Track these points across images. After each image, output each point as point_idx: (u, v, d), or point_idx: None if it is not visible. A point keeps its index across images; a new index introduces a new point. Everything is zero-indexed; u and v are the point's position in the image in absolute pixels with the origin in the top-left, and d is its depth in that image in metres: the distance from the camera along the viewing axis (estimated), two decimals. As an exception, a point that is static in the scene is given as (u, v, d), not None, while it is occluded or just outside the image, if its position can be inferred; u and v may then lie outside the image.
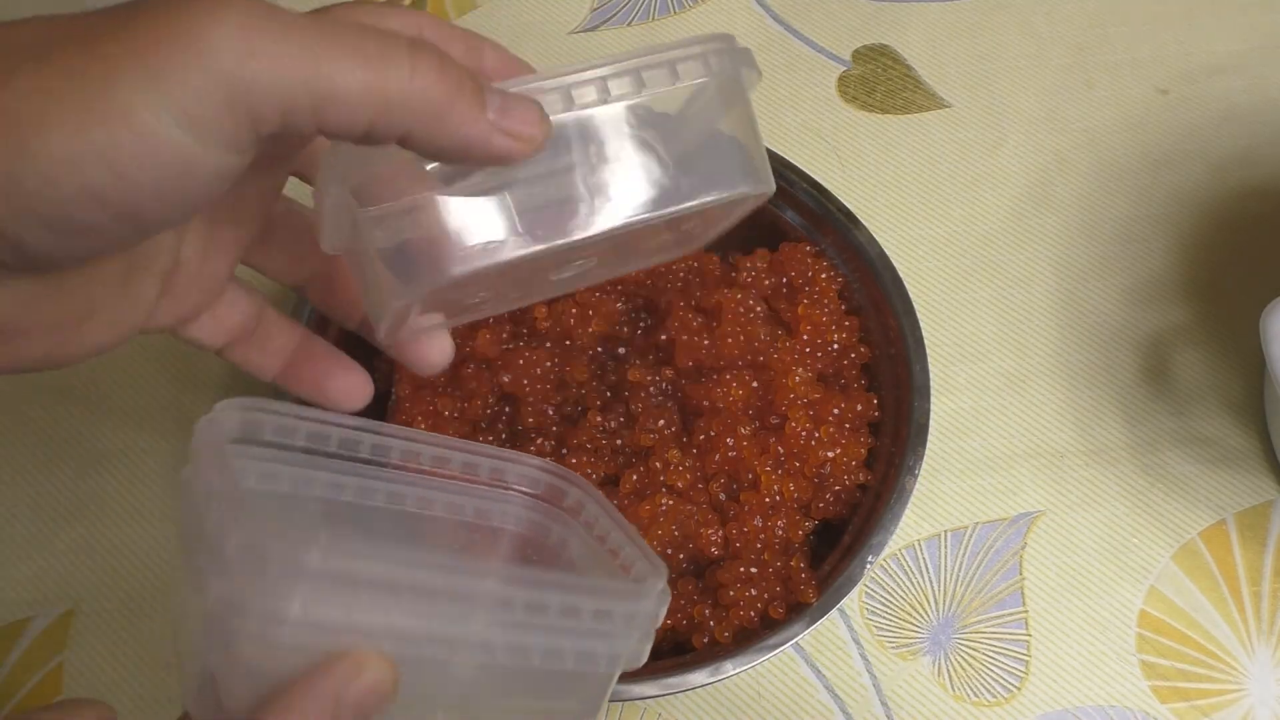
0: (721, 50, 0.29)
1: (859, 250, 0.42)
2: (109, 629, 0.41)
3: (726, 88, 0.30)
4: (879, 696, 0.40)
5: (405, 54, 0.24)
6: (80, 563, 0.42)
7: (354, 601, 0.24)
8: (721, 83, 0.29)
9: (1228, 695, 0.40)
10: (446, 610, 0.24)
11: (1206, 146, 0.51)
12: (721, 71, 0.29)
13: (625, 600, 0.26)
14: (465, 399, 0.40)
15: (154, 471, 0.44)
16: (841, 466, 0.39)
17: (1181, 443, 0.45)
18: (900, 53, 0.54)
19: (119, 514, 0.43)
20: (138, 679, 0.40)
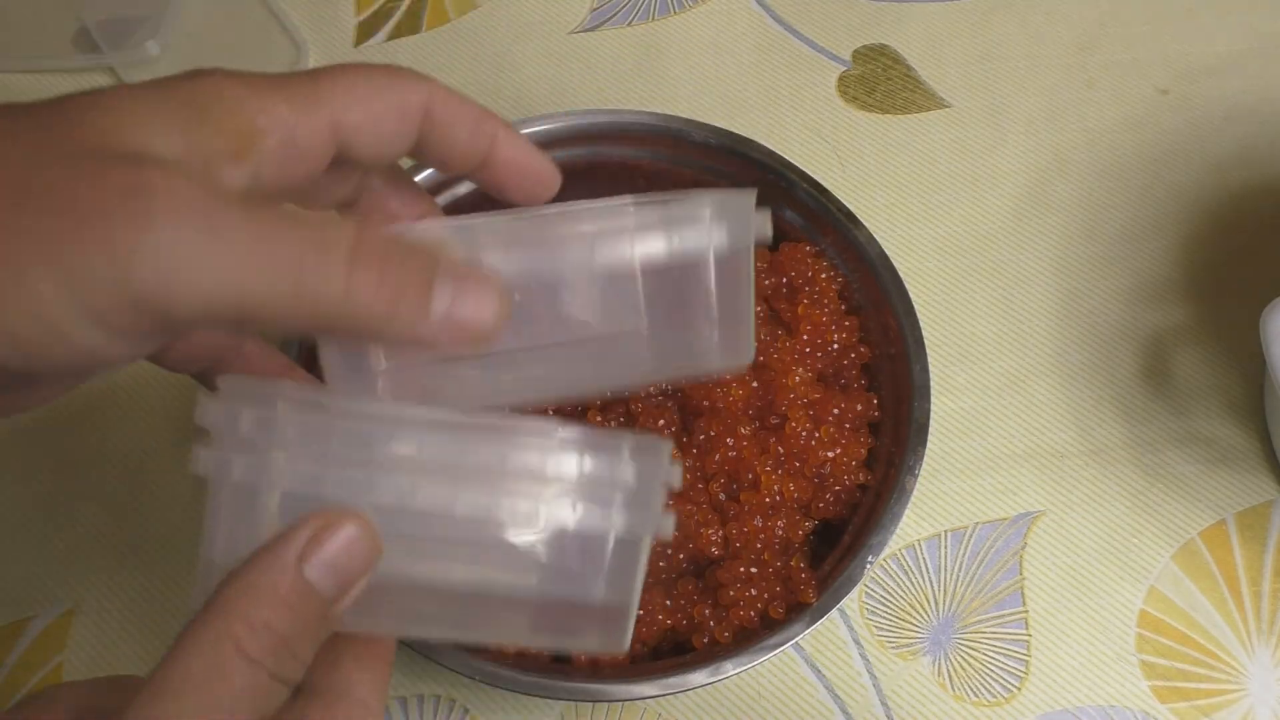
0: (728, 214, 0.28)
1: (859, 250, 0.42)
2: (109, 629, 0.41)
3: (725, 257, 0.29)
4: (879, 696, 0.40)
5: (342, 265, 0.22)
6: (80, 563, 0.42)
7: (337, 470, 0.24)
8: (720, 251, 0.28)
9: (1228, 695, 0.40)
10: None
11: (1206, 146, 0.51)
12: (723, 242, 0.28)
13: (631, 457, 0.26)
14: (465, 399, 0.40)
15: (155, 471, 0.44)
16: (841, 466, 0.39)
17: (1181, 442, 0.45)
18: (900, 53, 0.54)
19: (119, 514, 0.43)
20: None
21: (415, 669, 0.40)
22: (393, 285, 0.23)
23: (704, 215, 0.28)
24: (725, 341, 0.30)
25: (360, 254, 0.23)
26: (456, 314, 0.24)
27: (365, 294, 0.22)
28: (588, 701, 0.39)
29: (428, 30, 0.55)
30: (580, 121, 0.43)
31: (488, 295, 0.24)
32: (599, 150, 0.44)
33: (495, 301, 0.24)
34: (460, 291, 0.24)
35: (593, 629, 0.28)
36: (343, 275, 0.22)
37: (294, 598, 0.22)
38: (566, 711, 0.40)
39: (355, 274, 0.22)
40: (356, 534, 0.23)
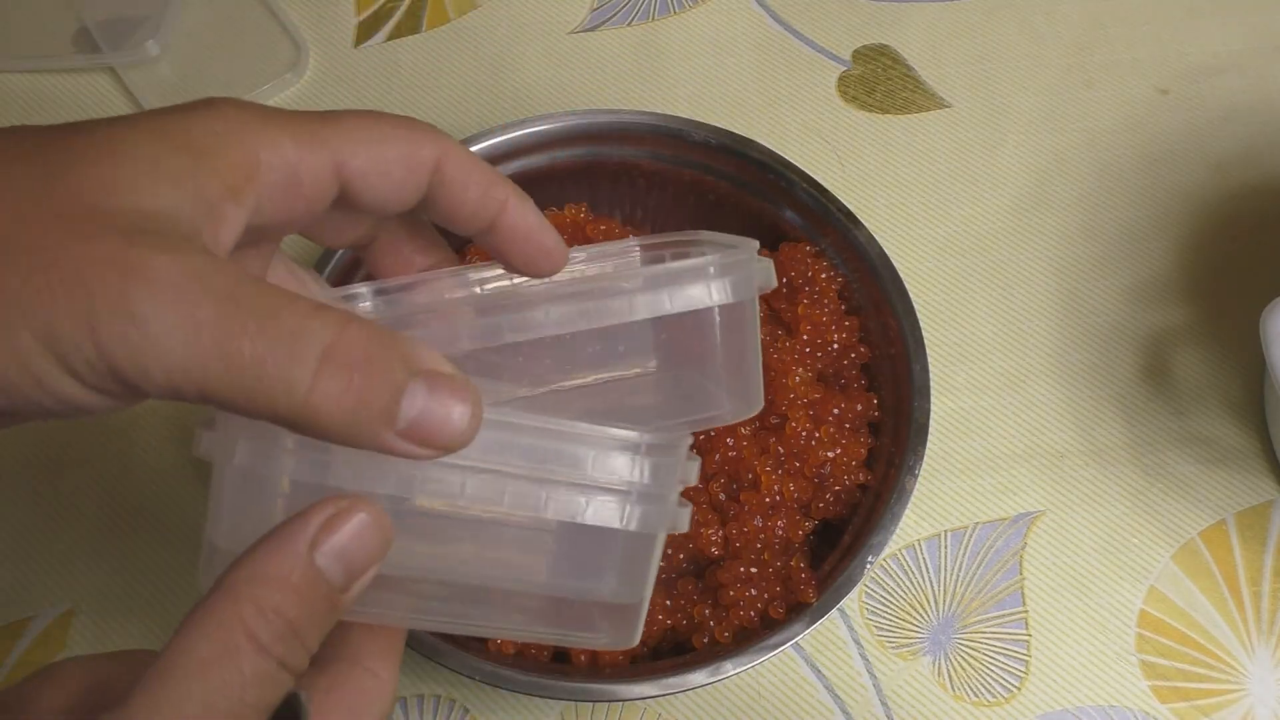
0: (734, 273, 0.28)
1: (859, 250, 0.42)
2: (109, 629, 0.41)
3: (730, 309, 0.29)
4: (879, 696, 0.40)
5: (309, 372, 0.22)
6: (80, 563, 0.42)
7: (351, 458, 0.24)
8: (727, 309, 0.29)
9: (1228, 695, 0.40)
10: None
11: (1206, 146, 0.51)
12: (727, 298, 0.28)
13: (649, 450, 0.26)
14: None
15: (155, 471, 0.44)
16: (841, 466, 0.39)
17: (1181, 443, 0.45)
18: (900, 53, 0.54)
19: (119, 514, 0.43)
20: (138, 679, 0.40)
21: (415, 669, 0.40)
22: (358, 395, 0.22)
23: (708, 271, 0.28)
24: (734, 392, 0.30)
25: (330, 362, 0.22)
26: (423, 428, 0.23)
27: (327, 402, 0.22)
28: (588, 701, 0.39)
29: (428, 30, 0.55)
30: (580, 121, 0.43)
31: (462, 404, 0.23)
32: (599, 150, 0.44)
33: (467, 414, 0.23)
34: (432, 401, 0.23)
35: (603, 623, 0.28)
36: (307, 380, 0.22)
37: (305, 585, 0.22)
38: (566, 711, 0.40)
39: (319, 383, 0.22)
40: (369, 523, 0.23)
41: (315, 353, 0.22)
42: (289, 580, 0.22)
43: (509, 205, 0.29)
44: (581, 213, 0.44)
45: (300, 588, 0.22)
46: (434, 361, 0.23)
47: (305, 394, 0.22)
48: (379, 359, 0.22)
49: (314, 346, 0.22)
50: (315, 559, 0.23)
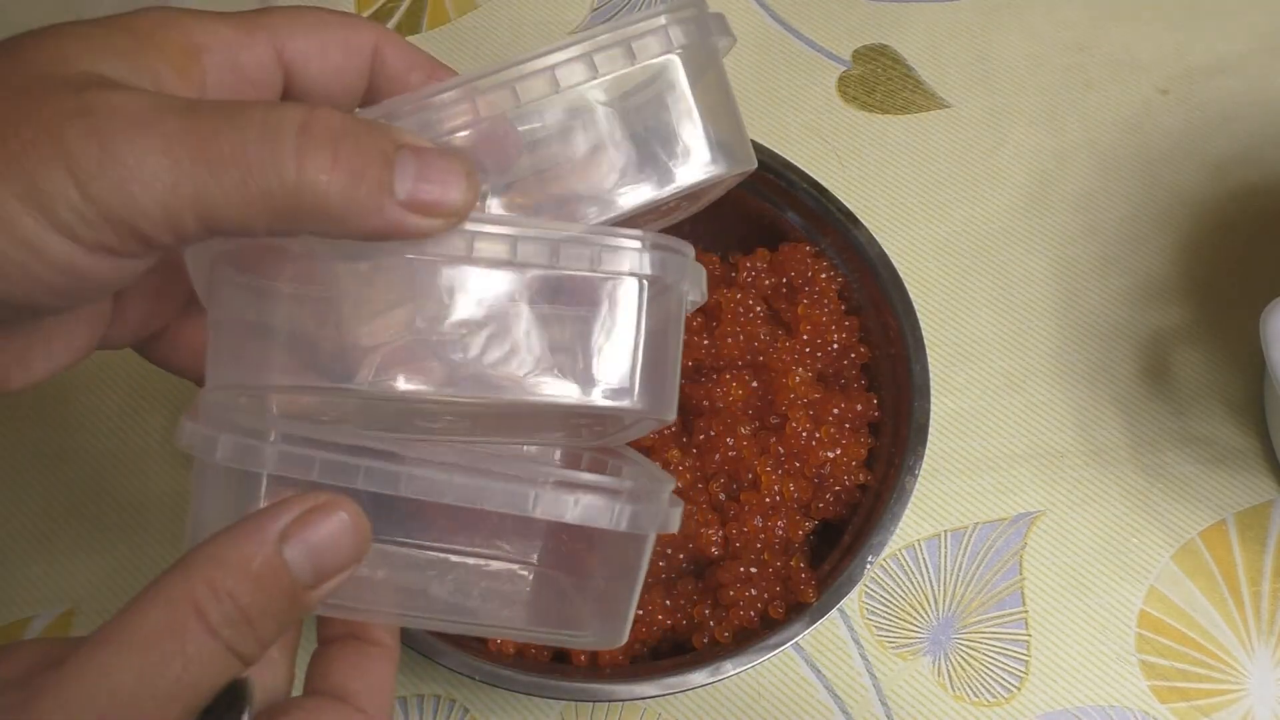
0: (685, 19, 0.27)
1: (859, 250, 0.42)
2: (109, 629, 0.41)
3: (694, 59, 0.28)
4: (879, 696, 0.40)
5: (290, 148, 0.21)
6: (80, 563, 0.42)
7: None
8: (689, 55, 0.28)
9: (1228, 695, 0.40)
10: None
11: (1206, 146, 0.51)
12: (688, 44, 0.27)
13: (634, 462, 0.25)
14: (465, 399, 0.40)
15: (154, 471, 0.44)
16: (841, 466, 0.39)
17: (1181, 443, 0.45)
18: (900, 53, 0.54)
19: (119, 514, 0.43)
20: (138, 679, 0.40)
21: (415, 669, 0.40)
22: (348, 166, 0.21)
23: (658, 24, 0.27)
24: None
25: (310, 135, 0.21)
26: (422, 194, 0.22)
27: (320, 174, 0.21)
28: (588, 701, 0.39)
29: (428, 30, 0.55)
30: (580, 121, 0.43)
31: (454, 172, 0.22)
32: (599, 150, 0.44)
33: (463, 178, 0.23)
34: (424, 169, 0.22)
35: (591, 623, 0.27)
36: (292, 159, 0.21)
37: (265, 573, 0.22)
38: (566, 711, 0.40)
39: (305, 157, 0.21)
40: (346, 523, 0.23)
41: (291, 133, 0.21)
42: (248, 565, 0.22)
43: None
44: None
45: (260, 575, 0.22)
46: (413, 137, 0.23)
47: (295, 172, 0.21)
48: (358, 131, 0.22)
49: (288, 128, 0.21)
50: (283, 550, 0.22)
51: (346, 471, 0.23)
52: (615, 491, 0.25)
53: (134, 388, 0.45)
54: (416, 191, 0.22)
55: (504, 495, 0.24)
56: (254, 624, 0.22)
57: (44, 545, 0.42)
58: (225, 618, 0.21)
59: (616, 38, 0.26)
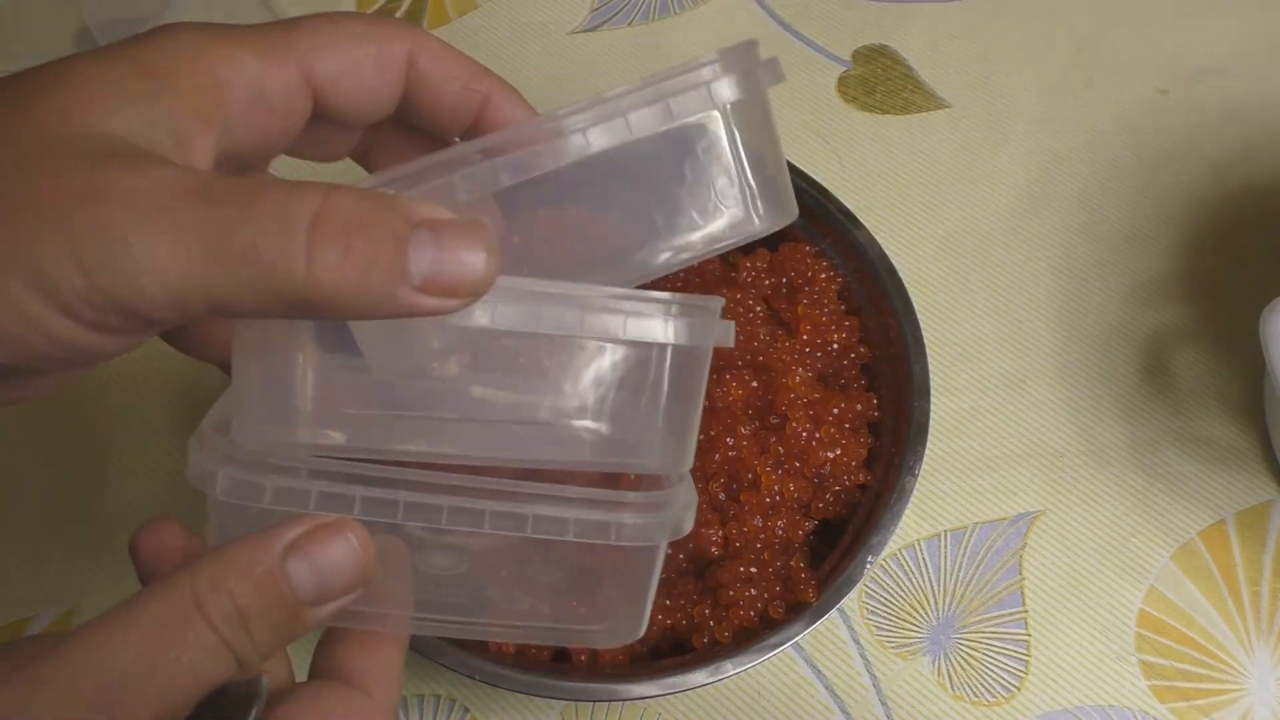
0: (734, 72, 0.26)
1: (859, 250, 0.42)
2: (109, 629, 0.41)
3: (741, 112, 0.27)
4: (879, 696, 0.40)
5: (301, 246, 0.21)
6: (80, 563, 0.42)
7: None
8: (736, 110, 0.26)
9: (1227, 695, 0.40)
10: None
11: (1206, 146, 0.51)
12: (736, 100, 0.26)
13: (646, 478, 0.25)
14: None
15: (154, 471, 0.44)
16: (841, 466, 0.39)
17: (1181, 442, 0.45)
18: (900, 53, 0.54)
19: (119, 514, 0.43)
20: (138, 679, 0.40)
21: (415, 669, 0.40)
22: (361, 257, 0.21)
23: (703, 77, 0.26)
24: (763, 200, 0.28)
25: (322, 228, 0.21)
26: (441, 275, 0.21)
27: (330, 273, 0.21)
28: (588, 701, 0.39)
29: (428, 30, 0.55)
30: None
31: (473, 250, 0.22)
32: (599, 150, 0.44)
33: (482, 256, 0.22)
34: (441, 250, 0.21)
35: (605, 623, 0.27)
36: (302, 254, 0.21)
37: (265, 579, 0.22)
38: (566, 711, 0.40)
39: (315, 251, 0.21)
40: (353, 546, 0.23)
41: (303, 224, 0.21)
42: (250, 570, 0.22)
43: (494, 99, 0.27)
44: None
45: (260, 580, 0.22)
46: (432, 210, 0.22)
47: (305, 269, 0.21)
48: (373, 217, 0.21)
49: (300, 220, 0.21)
50: (287, 562, 0.22)
51: (385, 507, 0.24)
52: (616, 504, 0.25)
53: (135, 387, 0.45)
54: (432, 274, 0.21)
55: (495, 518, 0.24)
56: (250, 627, 0.22)
57: (44, 545, 0.42)
58: (223, 614, 0.21)
59: (655, 94, 0.25)
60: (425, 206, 0.22)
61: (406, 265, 0.21)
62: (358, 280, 0.21)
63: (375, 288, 0.21)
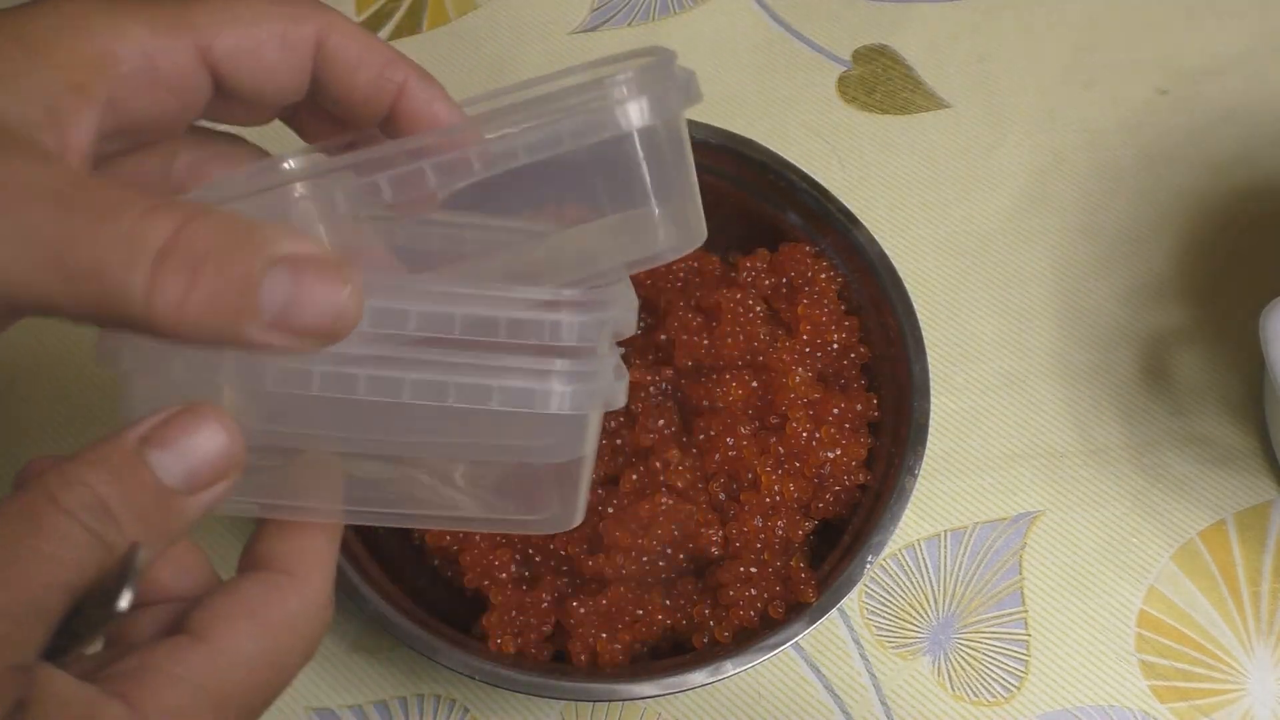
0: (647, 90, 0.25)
1: (859, 250, 0.42)
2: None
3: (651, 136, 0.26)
4: (879, 696, 0.40)
5: (144, 271, 0.20)
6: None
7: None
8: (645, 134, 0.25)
9: (1227, 695, 0.40)
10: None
11: (1206, 147, 0.51)
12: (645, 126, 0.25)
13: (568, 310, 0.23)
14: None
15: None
16: (841, 466, 0.39)
17: (1181, 443, 0.45)
18: (900, 53, 0.54)
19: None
20: (138, 679, 0.40)
21: (415, 669, 0.40)
22: (206, 292, 0.20)
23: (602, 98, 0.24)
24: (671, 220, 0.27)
25: (169, 257, 0.20)
26: (295, 316, 0.20)
27: (169, 308, 0.20)
28: (588, 701, 0.39)
29: (428, 30, 0.55)
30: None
31: (335, 286, 0.21)
32: (599, 150, 0.44)
33: (340, 293, 0.21)
34: (298, 290, 0.20)
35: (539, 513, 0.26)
36: (142, 284, 0.20)
37: (122, 467, 0.21)
38: (566, 711, 0.40)
39: (158, 284, 0.20)
40: (216, 432, 0.22)
41: (151, 252, 0.20)
42: (105, 461, 0.21)
43: (408, 89, 0.26)
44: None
45: (117, 468, 0.21)
46: (296, 244, 0.21)
47: (144, 300, 0.20)
48: (227, 251, 0.20)
49: (150, 245, 0.20)
50: (146, 452, 0.21)
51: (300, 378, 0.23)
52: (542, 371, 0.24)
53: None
54: (284, 316, 0.20)
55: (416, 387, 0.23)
56: (115, 515, 0.21)
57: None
58: (80, 502, 0.20)
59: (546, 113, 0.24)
60: (289, 240, 0.21)
61: (257, 304, 0.20)
62: (199, 316, 0.20)
63: (221, 325, 0.20)
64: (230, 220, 0.20)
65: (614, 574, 0.36)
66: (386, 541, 0.39)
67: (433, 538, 0.38)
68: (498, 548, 0.38)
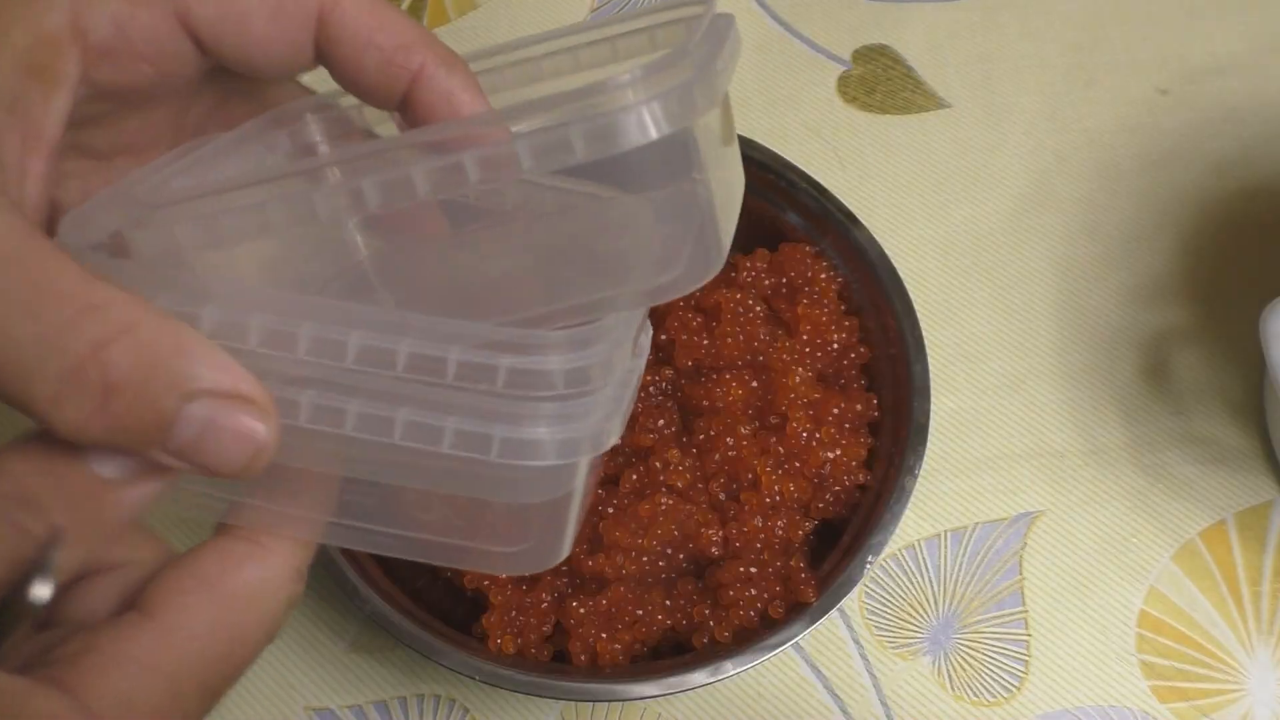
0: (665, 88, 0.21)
1: (859, 250, 0.42)
2: (109, 629, 0.41)
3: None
4: (879, 696, 0.40)
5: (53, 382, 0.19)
6: (80, 563, 0.42)
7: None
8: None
9: (1227, 695, 0.40)
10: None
11: (1207, 147, 0.51)
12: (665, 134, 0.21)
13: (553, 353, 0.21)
14: (465, 399, 0.40)
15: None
16: (841, 467, 0.39)
17: (1181, 443, 0.45)
18: (900, 53, 0.54)
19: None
20: (138, 679, 0.40)
21: (415, 669, 0.40)
22: (114, 419, 0.19)
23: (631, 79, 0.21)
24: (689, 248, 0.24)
25: (77, 382, 0.19)
26: (200, 453, 0.20)
27: (69, 426, 0.19)
28: (588, 701, 0.39)
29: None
30: (580, 121, 0.43)
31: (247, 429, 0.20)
32: (599, 150, 0.44)
33: (257, 438, 0.20)
34: (208, 434, 0.20)
35: (524, 541, 0.25)
36: (49, 396, 0.19)
37: (54, 455, 0.20)
38: (566, 711, 0.40)
39: (63, 402, 0.19)
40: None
41: (62, 368, 0.19)
42: (34, 448, 0.20)
43: (425, 74, 0.23)
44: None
45: (48, 455, 0.20)
46: (221, 379, 0.20)
47: (47, 409, 0.19)
48: (145, 382, 0.19)
49: (62, 361, 0.19)
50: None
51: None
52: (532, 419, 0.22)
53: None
54: (191, 452, 0.20)
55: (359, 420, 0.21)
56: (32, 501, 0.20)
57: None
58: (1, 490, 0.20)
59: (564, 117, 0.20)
60: (216, 371, 0.20)
61: (164, 439, 0.20)
62: (100, 437, 0.20)
63: (122, 445, 0.20)
64: (155, 344, 0.19)
65: (614, 574, 0.36)
66: (386, 541, 0.39)
67: (433, 538, 0.38)
68: (498, 548, 0.38)
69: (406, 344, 0.21)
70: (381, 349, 0.21)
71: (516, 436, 0.21)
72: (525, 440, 0.21)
